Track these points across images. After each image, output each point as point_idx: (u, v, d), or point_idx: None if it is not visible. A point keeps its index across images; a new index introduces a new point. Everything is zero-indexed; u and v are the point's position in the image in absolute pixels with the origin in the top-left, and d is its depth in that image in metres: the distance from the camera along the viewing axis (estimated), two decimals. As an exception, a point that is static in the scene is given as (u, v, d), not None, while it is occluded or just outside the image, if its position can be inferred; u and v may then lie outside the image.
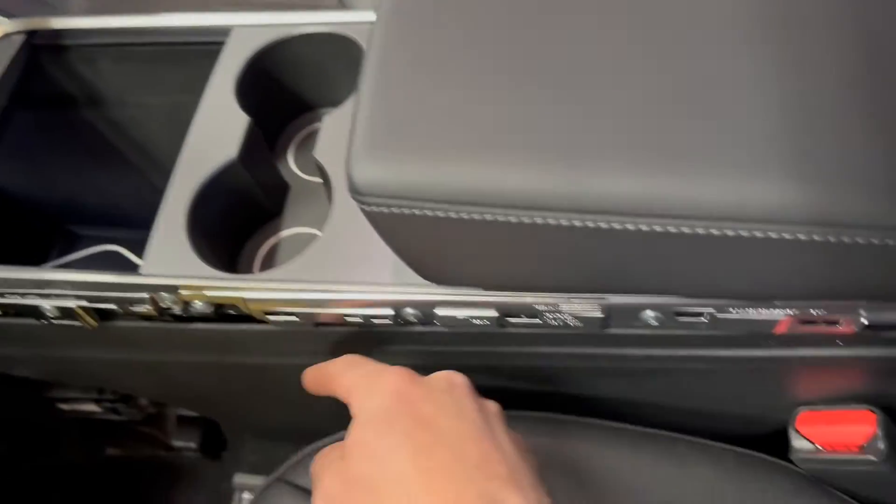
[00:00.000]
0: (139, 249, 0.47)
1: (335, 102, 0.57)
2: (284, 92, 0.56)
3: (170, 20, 0.55)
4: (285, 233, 0.53)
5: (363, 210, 0.35)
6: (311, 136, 0.57)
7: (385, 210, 0.35)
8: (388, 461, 0.31)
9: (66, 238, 0.82)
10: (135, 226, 0.59)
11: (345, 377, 0.36)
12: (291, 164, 0.56)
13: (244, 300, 0.43)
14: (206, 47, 0.55)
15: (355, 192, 0.35)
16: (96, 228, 0.77)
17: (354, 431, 0.33)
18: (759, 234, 0.32)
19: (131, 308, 0.46)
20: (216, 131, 0.49)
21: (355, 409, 0.35)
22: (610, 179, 0.33)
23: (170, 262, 0.45)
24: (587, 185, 0.33)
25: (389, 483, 0.30)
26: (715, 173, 0.32)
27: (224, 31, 0.54)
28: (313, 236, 0.49)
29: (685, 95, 0.34)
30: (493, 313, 0.42)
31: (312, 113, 0.59)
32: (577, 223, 0.33)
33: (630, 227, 0.33)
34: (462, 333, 0.44)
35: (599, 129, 0.33)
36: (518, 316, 0.43)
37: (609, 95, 0.34)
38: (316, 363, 0.39)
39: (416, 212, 0.34)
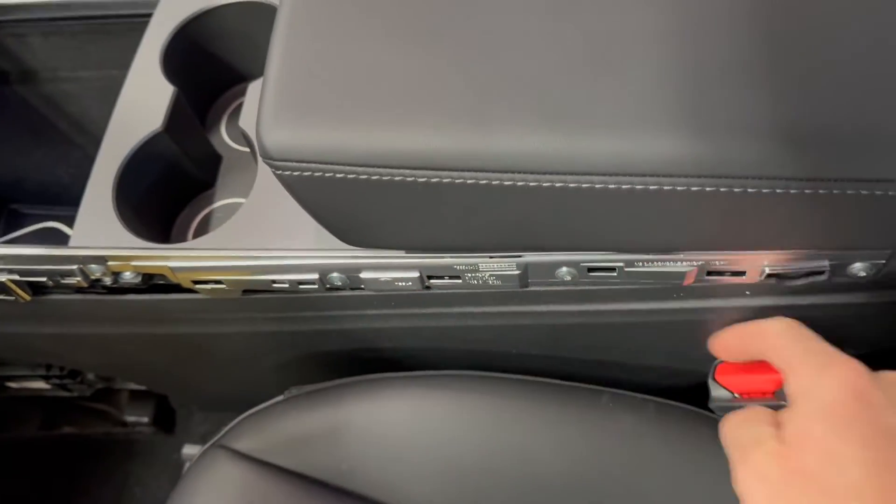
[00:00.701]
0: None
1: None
2: (214, 62, 0.56)
3: (97, -9, 0.55)
4: (217, 203, 0.54)
5: (276, 175, 0.36)
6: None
7: (297, 174, 0.36)
8: (845, 468, 0.30)
9: (10, 217, 0.81)
10: (77, 202, 0.59)
11: (786, 347, 0.36)
12: (224, 134, 0.57)
13: (171, 269, 0.44)
14: (135, 20, 0.55)
15: (266, 156, 0.35)
16: (40, 207, 0.76)
17: (799, 419, 0.32)
18: (652, 188, 0.33)
19: (62, 281, 0.46)
20: (142, 103, 0.49)
21: (796, 388, 0.33)
22: (512, 137, 0.34)
23: (98, 233, 0.45)
24: (490, 143, 0.34)
25: (844, 492, 0.29)
26: (608, 129, 0.33)
27: (152, 4, 0.54)
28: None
29: (583, 55, 0.35)
30: (415, 274, 0.43)
31: (245, 84, 0.59)
32: (483, 181, 0.34)
33: (533, 184, 0.34)
34: (387, 296, 0.46)
35: (502, 89, 0.34)
36: (440, 277, 0.44)
37: (512, 55, 0.35)
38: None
39: (328, 175, 0.35)
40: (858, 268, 0.41)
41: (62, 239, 0.60)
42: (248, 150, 0.52)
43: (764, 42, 0.34)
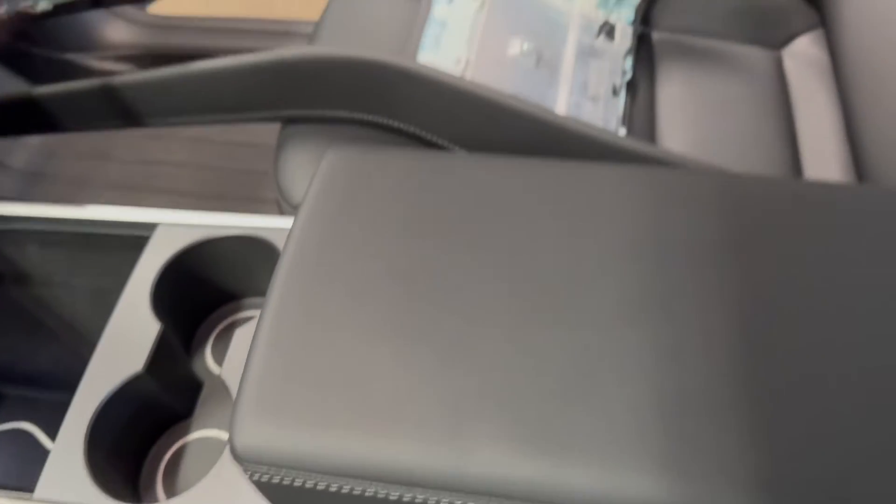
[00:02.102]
0: (59, 415, 0.46)
1: (255, 292, 0.58)
2: (204, 287, 0.56)
3: (98, 213, 0.56)
4: (193, 435, 0.53)
5: (246, 475, 0.35)
6: (230, 328, 0.57)
7: (266, 478, 0.35)
8: None
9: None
10: (57, 388, 0.59)
11: None
12: (208, 358, 0.56)
13: (135, 532, 0.43)
14: (132, 238, 0.56)
15: (237, 457, 0.35)
16: (18, 388, 0.75)
17: None
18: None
19: (23, 526, 0.45)
20: (126, 340, 0.49)
21: None
22: (489, 461, 0.33)
23: (65, 486, 0.44)
24: (467, 463, 0.33)
25: None
26: (587, 462, 0.32)
27: (150, 227, 0.55)
28: (221, 442, 0.49)
29: (563, 374, 0.34)
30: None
31: (233, 303, 0.59)
32: (458, 502, 0.33)
33: (508, 506, 0.33)
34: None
35: (480, 407, 0.34)
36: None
37: (493, 367, 0.35)
38: None
39: (297, 481, 0.34)
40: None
41: (33, 444, 0.59)
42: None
43: (748, 376, 0.34)
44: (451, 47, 0.71)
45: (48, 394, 0.67)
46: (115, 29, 1.20)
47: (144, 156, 1.10)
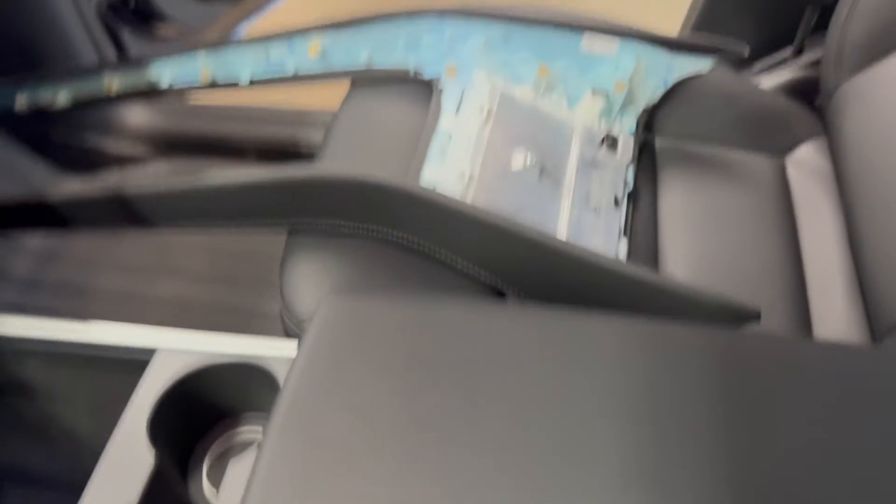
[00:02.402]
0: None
1: (251, 408, 0.58)
2: (200, 410, 0.57)
3: (100, 333, 0.57)
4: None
5: None
6: (227, 451, 0.57)
7: None
8: None
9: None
10: (59, 489, 0.59)
11: None
12: (205, 483, 0.56)
13: None
14: (132, 361, 0.56)
15: None
16: (17, 490, 0.75)
17: None
18: None
19: None
20: (121, 471, 0.49)
21: None
22: None
23: None
24: None
25: None
26: None
27: (149, 352, 0.55)
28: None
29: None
30: None
31: (228, 420, 0.59)
32: None
33: None
34: None
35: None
36: None
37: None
38: None
39: None
40: None
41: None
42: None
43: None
44: (455, 161, 0.72)
45: (50, 493, 0.67)
46: (133, 114, 1.23)
47: (146, 262, 1.12)
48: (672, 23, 1.03)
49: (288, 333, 0.68)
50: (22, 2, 1.04)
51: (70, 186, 0.75)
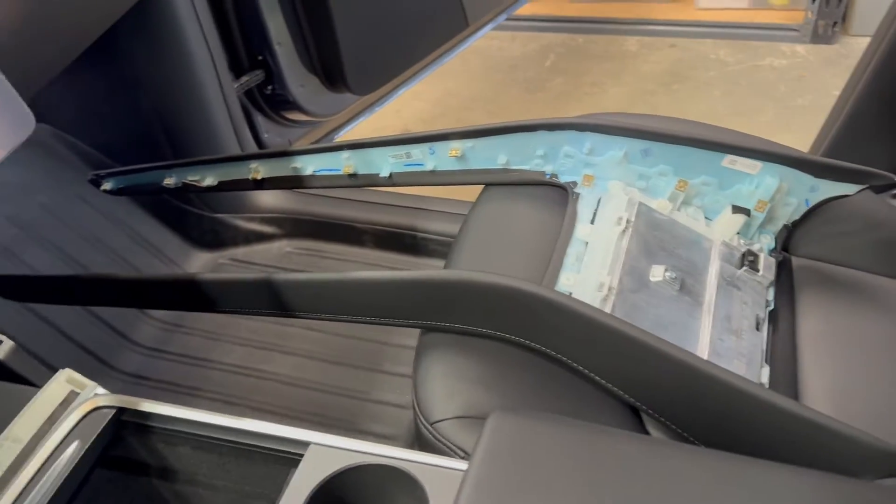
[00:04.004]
0: None
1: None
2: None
3: (252, 425, 0.59)
4: None
5: None
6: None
7: None
8: None
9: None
10: None
11: None
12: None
13: None
14: (282, 454, 0.58)
15: None
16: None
17: None
18: None
19: None
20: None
21: None
22: None
23: None
24: None
25: None
26: None
27: (302, 445, 0.57)
28: None
29: None
30: None
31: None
32: None
33: None
34: None
35: None
36: None
37: None
38: None
39: None
40: None
41: None
42: None
43: None
44: (593, 270, 0.72)
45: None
46: (264, 195, 1.30)
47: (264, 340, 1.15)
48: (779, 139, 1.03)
49: (418, 432, 0.68)
50: (178, 92, 1.13)
51: (219, 273, 0.79)
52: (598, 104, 2.15)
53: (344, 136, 1.57)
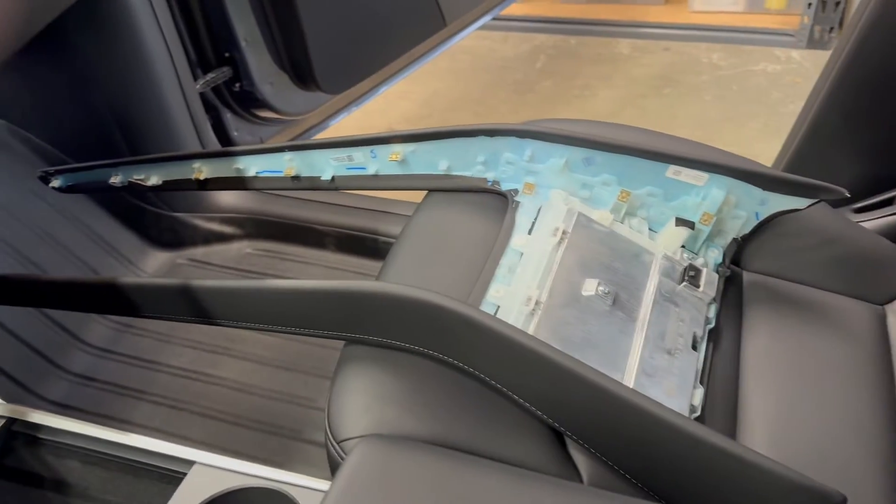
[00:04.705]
0: None
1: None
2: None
3: (141, 441, 0.56)
4: None
5: None
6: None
7: None
8: None
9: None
10: None
11: None
12: None
13: None
14: (168, 473, 0.55)
15: None
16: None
17: None
18: None
19: None
20: None
21: None
22: None
23: None
24: None
25: None
26: None
27: (187, 464, 0.54)
28: None
29: None
30: None
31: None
32: None
33: None
34: None
35: None
36: None
37: None
38: None
39: None
40: None
41: None
42: None
43: None
44: (523, 282, 0.69)
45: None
46: (224, 194, 1.27)
47: (215, 343, 1.13)
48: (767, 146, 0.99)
49: (327, 450, 0.65)
50: (132, 88, 1.11)
51: (143, 278, 0.76)
52: (587, 107, 2.11)
53: (322, 134, 1.55)
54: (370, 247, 1.23)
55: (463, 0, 1.59)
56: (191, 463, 0.54)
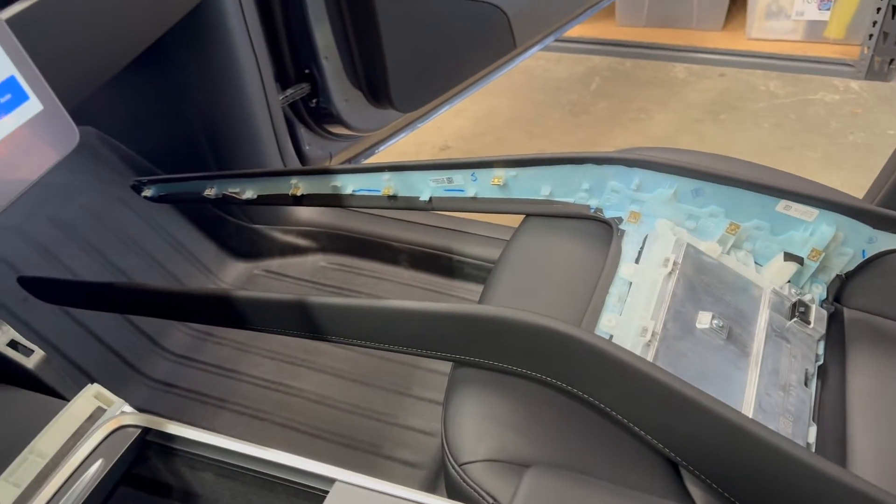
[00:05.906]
0: None
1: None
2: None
3: (277, 457, 0.57)
4: None
5: None
6: None
7: None
8: None
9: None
10: None
11: None
12: None
13: None
14: (306, 489, 0.56)
15: None
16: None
17: None
18: None
19: None
20: None
21: None
22: None
23: None
24: None
25: None
26: None
27: (328, 481, 0.55)
28: None
29: None
30: None
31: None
32: None
33: None
34: None
35: None
36: None
37: None
38: None
39: None
40: None
41: None
42: None
43: None
44: (636, 312, 0.70)
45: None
46: (302, 209, 1.29)
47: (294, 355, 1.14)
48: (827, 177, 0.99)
49: (446, 472, 0.66)
50: (223, 103, 1.13)
51: (257, 292, 0.78)
52: (643, 130, 2.12)
53: (384, 151, 1.57)
54: (444, 265, 1.24)
55: (533, 22, 1.61)
56: (331, 481, 0.55)
